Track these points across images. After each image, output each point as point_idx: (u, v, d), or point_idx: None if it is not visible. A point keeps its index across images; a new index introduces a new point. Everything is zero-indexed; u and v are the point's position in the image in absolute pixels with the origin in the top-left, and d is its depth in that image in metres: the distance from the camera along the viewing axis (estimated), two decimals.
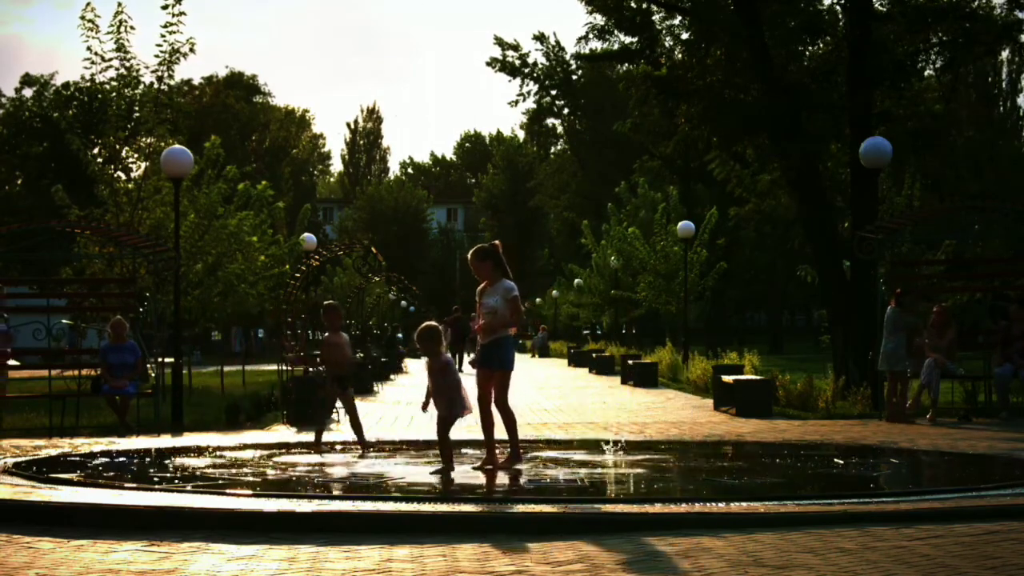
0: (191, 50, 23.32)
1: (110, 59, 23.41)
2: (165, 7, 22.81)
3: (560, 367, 44.35)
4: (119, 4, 23.14)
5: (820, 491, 9.57)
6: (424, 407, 10.83)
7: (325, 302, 14.10)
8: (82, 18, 22.93)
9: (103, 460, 12.02)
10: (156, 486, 9.60)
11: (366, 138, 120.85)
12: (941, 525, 7.57)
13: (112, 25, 23.14)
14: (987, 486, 9.38)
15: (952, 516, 7.86)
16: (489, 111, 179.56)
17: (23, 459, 11.74)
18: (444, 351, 11.05)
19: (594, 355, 39.04)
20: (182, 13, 22.92)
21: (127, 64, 23.51)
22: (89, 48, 23.20)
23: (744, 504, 8.34)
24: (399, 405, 22.00)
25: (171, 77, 24.05)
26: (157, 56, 23.39)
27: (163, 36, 23.11)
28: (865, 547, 6.91)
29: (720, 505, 8.31)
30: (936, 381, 17.01)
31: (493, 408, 10.79)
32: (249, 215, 27.53)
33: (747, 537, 7.21)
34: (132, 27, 23.26)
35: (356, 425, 13.00)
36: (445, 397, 10.57)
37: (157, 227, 23.70)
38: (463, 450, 12.07)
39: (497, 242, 11.16)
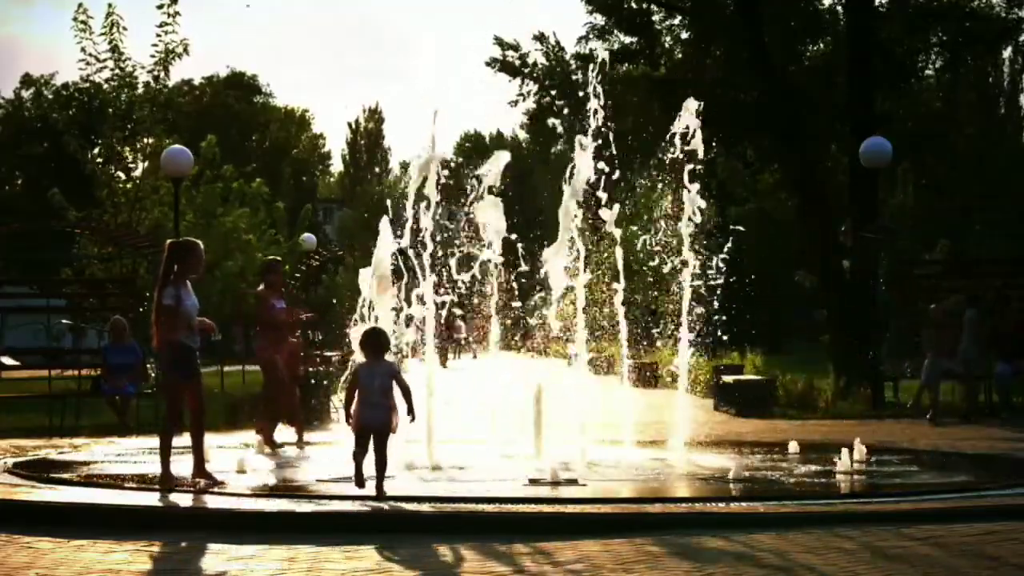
0: (185, 50, 23.28)
1: (104, 60, 23.38)
2: (160, 7, 22.79)
3: (561, 367, 44.19)
4: (109, 5, 23.12)
5: (820, 491, 9.56)
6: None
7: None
8: (74, 19, 22.89)
9: (103, 460, 12.01)
10: (156, 486, 9.58)
11: (367, 138, 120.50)
12: (941, 525, 7.56)
13: (104, 26, 23.12)
14: (987, 486, 9.38)
15: (952, 516, 7.86)
16: (489, 111, 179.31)
17: (23, 459, 11.73)
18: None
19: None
20: (177, 13, 22.91)
21: (122, 64, 23.47)
22: (83, 49, 23.18)
23: (744, 504, 8.33)
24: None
25: (167, 77, 24.03)
26: (153, 56, 23.36)
27: (158, 36, 23.10)
28: (865, 547, 6.91)
29: (720, 505, 8.30)
30: (936, 381, 17.00)
31: None
32: (245, 213, 27.44)
33: (747, 537, 7.21)
34: (124, 28, 23.23)
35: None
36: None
37: (155, 227, 23.66)
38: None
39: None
